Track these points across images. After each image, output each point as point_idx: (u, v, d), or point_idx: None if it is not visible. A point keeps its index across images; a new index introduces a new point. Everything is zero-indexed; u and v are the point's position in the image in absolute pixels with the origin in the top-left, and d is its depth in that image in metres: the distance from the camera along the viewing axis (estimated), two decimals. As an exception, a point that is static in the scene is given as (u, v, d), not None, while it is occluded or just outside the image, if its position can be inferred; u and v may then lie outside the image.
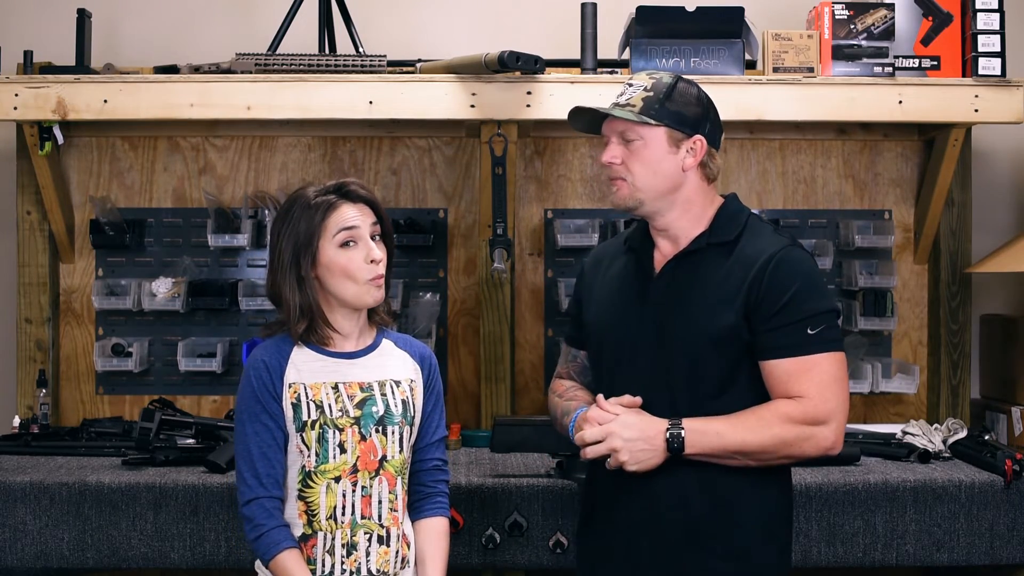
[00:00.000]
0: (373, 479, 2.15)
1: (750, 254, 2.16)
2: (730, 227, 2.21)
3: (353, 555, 2.13)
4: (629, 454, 2.11)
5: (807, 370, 2.11)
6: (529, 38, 3.46)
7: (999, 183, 3.75)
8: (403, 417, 2.18)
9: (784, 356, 2.12)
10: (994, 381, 3.56)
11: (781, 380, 2.12)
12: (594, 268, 2.37)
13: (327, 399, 2.13)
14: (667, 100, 2.18)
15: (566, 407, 2.31)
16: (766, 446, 2.10)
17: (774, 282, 2.12)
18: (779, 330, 2.11)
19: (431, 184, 3.60)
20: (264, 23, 3.53)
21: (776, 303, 2.11)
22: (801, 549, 2.81)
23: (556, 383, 2.42)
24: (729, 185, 3.58)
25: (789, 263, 2.15)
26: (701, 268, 2.19)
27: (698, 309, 2.15)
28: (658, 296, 2.21)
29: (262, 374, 2.14)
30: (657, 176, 2.19)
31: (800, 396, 2.10)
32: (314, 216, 2.13)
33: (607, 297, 2.29)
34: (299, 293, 2.13)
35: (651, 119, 2.17)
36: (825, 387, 2.11)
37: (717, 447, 2.10)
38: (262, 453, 2.12)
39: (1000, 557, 2.84)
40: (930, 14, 3.31)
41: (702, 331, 2.14)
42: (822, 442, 2.12)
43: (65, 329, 3.58)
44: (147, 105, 3.20)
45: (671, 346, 2.17)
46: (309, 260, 2.13)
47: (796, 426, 2.10)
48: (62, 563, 2.80)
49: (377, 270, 2.14)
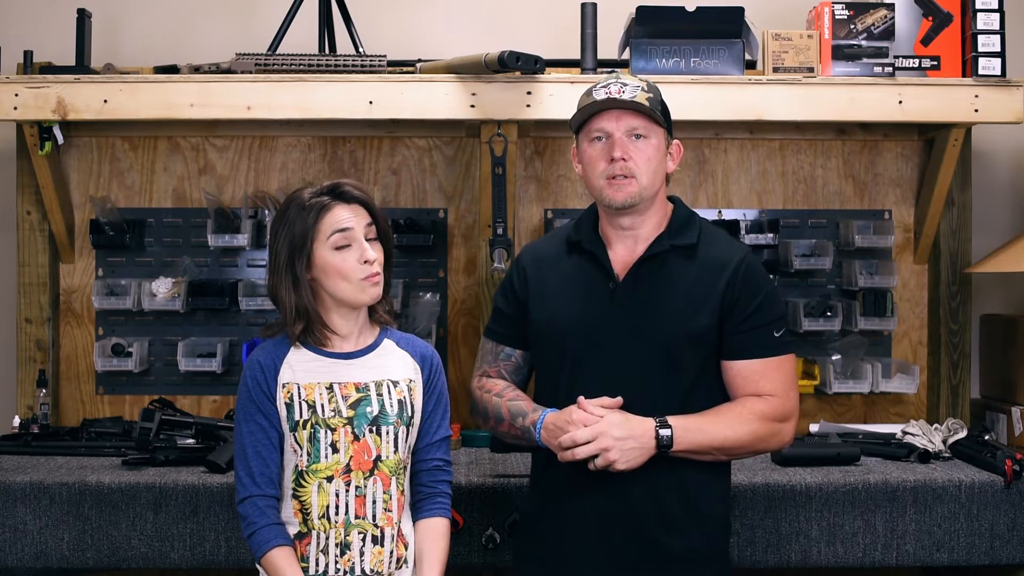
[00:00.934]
0: (367, 479, 2.15)
1: (717, 258, 2.26)
2: (687, 231, 2.29)
3: (347, 555, 2.14)
4: (620, 453, 2.14)
5: (774, 370, 2.24)
6: (529, 38, 3.46)
7: (999, 183, 3.75)
8: (399, 417, 2.18)
9: (755, 357, 2.24)
10: (994, 381, 3.55)
11: (750, 379, 2.24)
12: (536, 267, 2.37)
13: (320, 399, 2.15)
14: (662, 103, 2.26)
15: (517, 408, 2.31)
16: (743, 442, 2.21)
17: (747, 286, 2.24)
18: (751, 332, 2.23)
19: (431, 184, 3.60)
20: (264, 23, 3.53)
21: (748, 307, 2.23)
22: (801, 549, 2.81)
23: (487, 381, 2.41)
24: (730, 185, 3.59)
25: (756, 269, 2.29)
26: (666, 270, 2.26)
27: (672, 310, 2.22)
28: (626, 297, 2.25)
29: (257, 374, 2.17)
30: (656, 175, 2.25)
31: (769, 395, 2.23)
32: (308, 218, 2.14)
33: (563, 297, 2.30)
34: (295, 295, 2.15)
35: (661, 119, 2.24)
36: (788, 387, 2.26)
37: (701, 443, 2.18)
38: (256, 452, 2.15)
39: (1000, 557, 2.84)
40: (930, 14, 3.30)
41: (678, 331, 2.21)
42: (785, 437, 2.28)
43: (65, 329, 3.58)
44: (147, 105, 3.20)
45: (646, 345, 2.22)
46: (304, 262, 2.14)
47: (768, 423, 2.23)
48: (62, 563, 2.80)
49: (371, 269, 2.15)
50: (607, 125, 2.23)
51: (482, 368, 2.44)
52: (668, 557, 2.21)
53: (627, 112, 2.22)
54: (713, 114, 3.19)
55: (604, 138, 2.23)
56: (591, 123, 2.25)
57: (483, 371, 2.43)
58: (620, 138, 2.21)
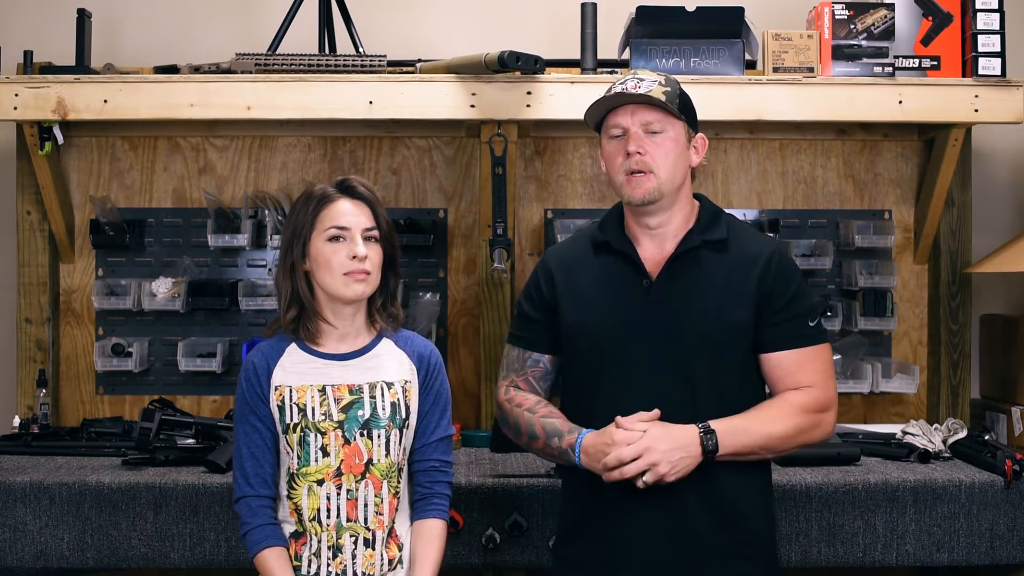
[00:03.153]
0: (359, 482, 2.16)
1: (750, 252, 2.25)
2: (717, 225, 2.28)
3: (339, 557, 2.15)
4: (669, 465, 2.12)
5: (811, 360, 2.23)
6: (529, 38, 3.46)
7: (999, 183, 3.75)
8: (391, 420, 2.18)
9: (791, 347, 2.23)
10: (994, 381, 3.55)
11: (788, 371, 2.23)
12: (563, 269, 2.34)
13: (311, 402, 2.15)
14: (681, 96, 2.26)
15: (552, 427, 2.25)
16: (787, 437, 2.20)
17: (780, 279, 2.23)
18: (786, 323, 2.22)
19: (431, 184, 3.60)
20: (264, 23, 3.53)
21: (782, 298, 2.22)
22: (801, 549, 2.81)
23: (516, 394, 2.34)
24: (730, 185, 3.59)
25: (788, 260, 2.31)
26: (700, 267, 2.24)
27: (711, 305, 2.21)
28: (664, 295, 2.22)
29: (251, 376, 2.19)
30: (676, 170, 2.23)
31: (808, 386, 2.22)
32: (310, 208, 2.17)
33: (596, 298, 2.27)
34: (290, 281, 2.17)
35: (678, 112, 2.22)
36: (827, 376, 2.25)
37: (746, 444, 2.17)
38: (251, 453, 2.17)
39: (1000, 557, 2.84)
40: (930, 14, 3.31)
41: (719, 326, 2.20)
42: (827, 428, 2.26)
43: (65, 329, 3.58)
44: (147, 105, 3.20)
45: (688, 343, 2.19)
46: (300, 250, 2.16)
47: (809, 414, 2.21)
48: (62, 563, 2.80)
49: (358, 265, 2.14)
50: (622, 120, 2.23)
51: (509, 377, 2.38)
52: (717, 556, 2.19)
53: (642, 107, 2.21)
54: (713, 114, 3.18)
55: (621, 134, 2.23)
56: (608, 119, 2.26)
57: (511, 380, 2.38)
58: (636, 132, 2.21)
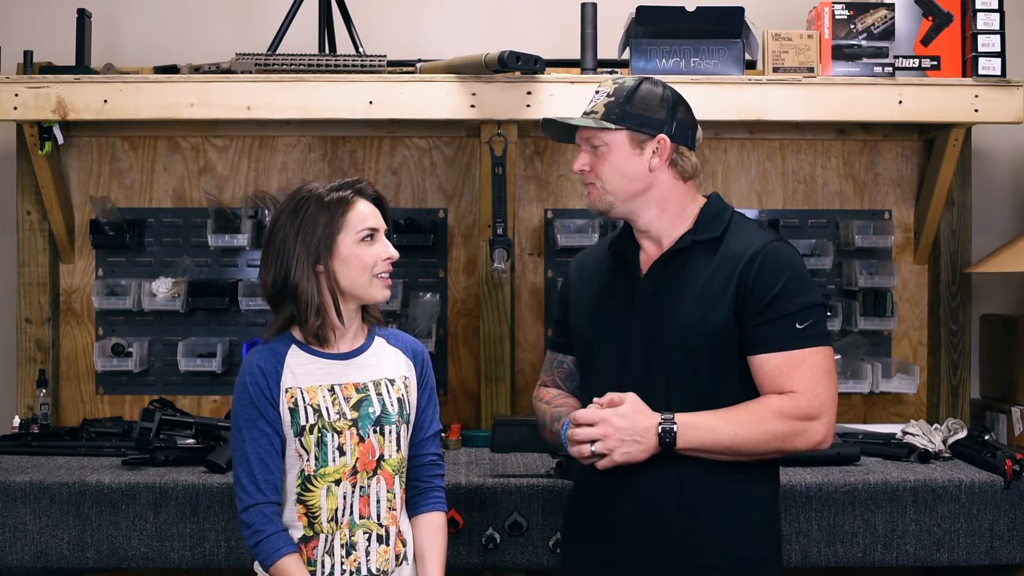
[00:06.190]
0: (371, 479, 2.15)
1: (736, 250, 2.17)
2: (714, 225, 2.23)
3: (352, 555, 2.14)
4: (618, 442, 2.09)
5: (797, 365, 2.11)
6: (529, 38, 3.46)
7: (999, 183, 3.75)
8: (399, 416, 2.18)
9: (774, 351, 2.12)
10: (994, 381, 3.56)
11: (771, 375, 2.12)
12: (579, 273, 2.37)
13: (324, 402, 2.14)
14: (628, 103, 2.20)
15: (556, 413, 2.30)
16: (758, 441, 2.10)
17: (761, 277, 2.13)
18: (768, 324, 2.12)
19: (431, 184, 3.60)
20: (264, 23, 3.53)
21: (764, 298, 2.12)
22: (801, 549, 2.81)
23: (541, 391, 2.42)
24: (729, 185, 3.59)
25: (776, 257, 2.15)
26: (688, 267, 2.20)
27: (688, 308, 2.16)
28: (645, 297, 2.21)
29: (258, 379, 2.14)
30: (624, 178, 2.20)
31: (791, 391, 2.11)
32: (334, 211, 2.14)
33: (593, 301, 2.29)
34: (315, 287, 2.14)
35: (611, 123, 2.19)
36: (816, 382, 2.11)
37: (709, 441, 2.10)
38: (260, 459, 2.11)
39: (1000, 557, 2.84)
40: (930, 14, 3.31)
41: (694, 330, 2.14)
42: (814, 437, 2.13)
43: (65, 329, 3.58)
44: (147, 105, 3.20)
45: (665, 346, 2.17)
46: (327, 252, 2.13)
47: (788, 421, 2.10)
48: (62, 563, 2.80)
49: (389, 267, 2.18)
50: (576, 139, 2.28)
51: (541, 379, 2.46)
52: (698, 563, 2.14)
53: None
54: (713, 114, 3.18)
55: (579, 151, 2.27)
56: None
57: (541, 381, 2.45)
58: (582, 150, 2.24)
